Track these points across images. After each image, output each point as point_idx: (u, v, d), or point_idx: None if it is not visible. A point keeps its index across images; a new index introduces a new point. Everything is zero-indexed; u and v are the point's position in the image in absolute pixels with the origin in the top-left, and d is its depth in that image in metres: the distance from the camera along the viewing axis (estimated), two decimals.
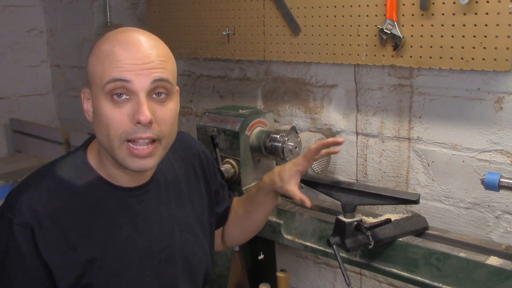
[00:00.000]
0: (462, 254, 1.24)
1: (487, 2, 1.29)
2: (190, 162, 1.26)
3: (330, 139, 1.21)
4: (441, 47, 1.40)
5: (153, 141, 0.98)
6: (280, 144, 1.57)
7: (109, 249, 1.04)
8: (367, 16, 1.52)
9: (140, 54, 0.96)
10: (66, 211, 1.01)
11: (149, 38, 1.00)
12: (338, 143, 1.21)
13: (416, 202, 1.19)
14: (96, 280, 1.01)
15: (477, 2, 1.31)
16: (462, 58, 1.37)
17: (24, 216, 0.97)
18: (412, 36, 1.45)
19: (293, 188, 1.24)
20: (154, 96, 0.98)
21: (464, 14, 1.34)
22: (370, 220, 1.29)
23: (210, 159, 1.33)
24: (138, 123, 0.95)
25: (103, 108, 0.96)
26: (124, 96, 0.96)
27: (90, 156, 1.08)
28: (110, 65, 0.95)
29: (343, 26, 1.58)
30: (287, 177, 1.25)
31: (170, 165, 1.20)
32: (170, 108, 1.01)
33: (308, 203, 1.22)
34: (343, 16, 1.58)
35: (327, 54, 1.65)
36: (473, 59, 1.35)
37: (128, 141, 0.97)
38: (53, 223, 0.99)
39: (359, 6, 1.53)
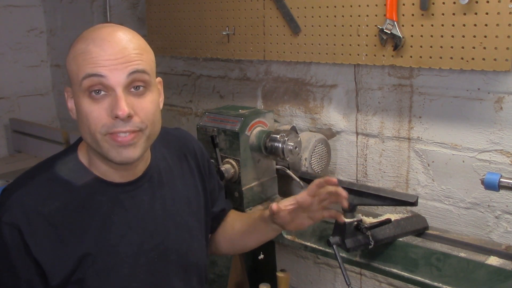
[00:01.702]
0: (462, 254, 1.24)
1: (487, 2, 1.29)
2: (185, 159, 1.26)
3: (322, 180, 1.14)
4: (441, 47, 1.40)
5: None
6: (280, 144, 1.57)
7: (102, 245, 1.04)
8: (367, 16, 1.52)
9: (114, 49, 0.96)
10: (58, 208, 1.02)
11: (124, 33, 0.99)
12: (331, 182, 1.14)
13: (414, 204, 1.19)
14: (88, 276, 1.02)
15: (477, 2, 1.31)
16: (462, 58, 1.37)
17: (13, 215, 0.98)
18: (412, 36, 1.45)
19: (280, 205, 1.19)
20: (132, 90, 0.98)
21: (464, 14, 1.34)
22: (370, 220, 1.30)
23: (206, 157, 1.33)
24: (117, 117, 0.95)
25: (82, 105, 0.97)
26: (102, 93, 0.96)
27: (81, 154, 1.09)
28: (84, 62, 0.95)
29: (343, 26, 1.58)
30: (282, 205, 1.19)
31: (165, 162, 1.20)
32: (149, 100, 1.00)
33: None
34: (343, 16, 1.58)
35: (327, 54, 1.65)
36: (473, 59, 1.35)
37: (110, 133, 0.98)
38: (44, 221, 1.00)
39: (359, 6, 1.53)
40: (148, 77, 0.99)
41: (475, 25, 1.33)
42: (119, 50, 0.96)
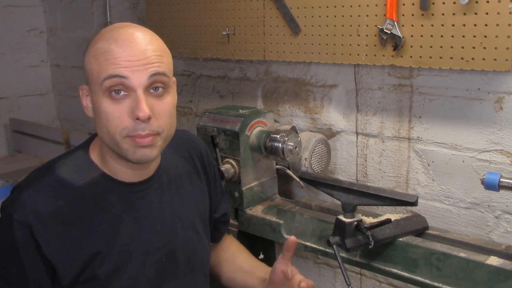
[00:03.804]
0: (462, 254, 1.24)
1: (487, 2, 1.29)
2: (192, 160, 1.27)
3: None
4: (441, 47, 1.40)
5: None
6: (280, 144, 1.57)
7: (112, 244, 1.05)
8: (367, 16, 1.52)
9: (136, 50, 0.96)
10: (68, 207, 1.02)
11: (144, 34, 1.00)
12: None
13: (414, 204, 1.19)
14: (98, 274, 1.03)
15: (477, 2, 1.31)
16: (462, 58, 1.37)
17: (24, 214, 0.99)
18: (412, 36, 1.45)
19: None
20: (152, 91, 0.99)
21: (464, 14, 1.34)
22: (370, 220, 1.30)
23: (211, 159, 1.34)
24: (137, 119, 0.96)
25: (102, 105, 0.98)
26: (122, 93, 0.97)
27: (93, 153, 1.10)
28: (106, 62, 0.96)
29: (343, 26, 1.58)
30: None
31: (174, 163, 1.21)
32: (168, 102, 1.02)
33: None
34: (343, 16, 1.58)
35: (327, 54, 1.65)
36: (473, 59, 1.35)
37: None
38: (55, 220, 1.00)
39: (359, 6, 1.53)
40: (167, 79, 1.01)
41: (475, 25, 1.33)
42: (141, 51, 0.97)
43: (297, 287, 1.17)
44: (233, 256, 1.38)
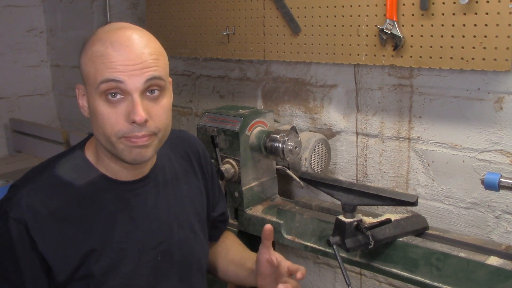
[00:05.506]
0: (462, 254, 1.24)
1: (487, 2, 1.29)
2: (189, 160, 1.28)
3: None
4: (441, 47, 1.40)
5: None
6: (280, 144, 1.57)
7: (107, 242, 1.06)
8: (367, 16, 1.52)
9: (132, 54, 0.97)
10: (64, 205, 1.03)
11: (141, 36, 1.00)
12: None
13: (414, 204, 1.19)
14: (93, 272, 1.03)
15: (477, 2, 1.31)
16: (462, 58, 1.37)
17: (20, 211, 1.00)
18: (412, 36, 1.45)
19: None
20: (148, 94, 1.00)
21: (464, 14, 1.34)
22: (370, 220, 1.30)
23: (209, 159, 1.35)
24: (134, 122, 0.97)
25: (98, 107, 0.98)
26: (118, 96, 0.98)
27: (88, 152, 1.11)
28: (102, 65, 0.96)
29: (343, 26, 1.58)
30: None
31: (170, 162, 1.22)
32: (164, 105, 1.03)
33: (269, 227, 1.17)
34: (343, 16, 1.58)
35: (327, 54, 1.65)
36: (473, 59, 1.35)
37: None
38: (50, 217, 1.01)
39: (359, 6, 1.53)
40: (163, 83, 1.01)
41: (475, 25, 1.33)
42: (137, 55, 0.97)
43: (287, 275, 1.14)
44: (227, 249, 1.38)
